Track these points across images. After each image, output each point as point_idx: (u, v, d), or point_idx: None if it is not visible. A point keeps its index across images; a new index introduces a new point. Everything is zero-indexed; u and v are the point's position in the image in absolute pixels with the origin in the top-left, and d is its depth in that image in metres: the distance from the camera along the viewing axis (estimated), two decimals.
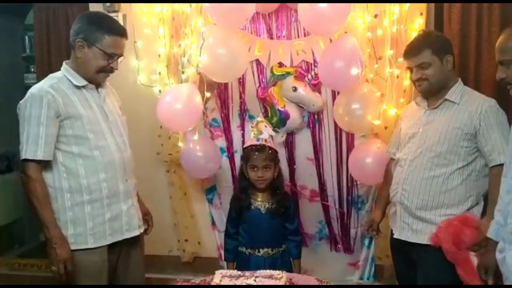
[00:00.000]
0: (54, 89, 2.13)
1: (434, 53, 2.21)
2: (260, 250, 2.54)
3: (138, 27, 3.21)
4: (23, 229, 4.41)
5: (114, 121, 2.30)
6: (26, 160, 2.11)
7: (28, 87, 4.49)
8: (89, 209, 2.18)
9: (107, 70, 2.22)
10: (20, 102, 2.16)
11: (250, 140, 2.59)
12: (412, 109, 2.47)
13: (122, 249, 2.34)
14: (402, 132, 2.44)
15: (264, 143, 2.54)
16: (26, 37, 4.64)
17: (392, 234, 2.44)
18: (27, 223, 4.42)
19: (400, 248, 2.38)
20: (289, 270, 2.50)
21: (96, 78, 2.23)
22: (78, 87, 2.20)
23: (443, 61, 2.23)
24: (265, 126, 2.58)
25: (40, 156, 2.09)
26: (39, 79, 3.65)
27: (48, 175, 2.16)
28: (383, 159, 2.68)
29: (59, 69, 3.52)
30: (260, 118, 2.70)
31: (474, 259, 2.10)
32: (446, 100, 2.25)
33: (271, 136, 2.62)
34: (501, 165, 2.04)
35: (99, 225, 2.20)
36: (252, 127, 2.62)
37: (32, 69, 4.60)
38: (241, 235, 2.60)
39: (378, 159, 2.78)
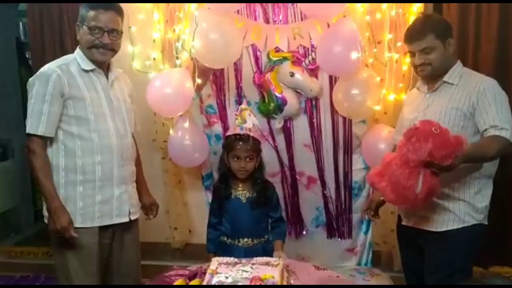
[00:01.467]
0: (61, 70, 2.20)
1: (437, 37, 2.17)
2: (240, 240, 2.50)
3: (132, 12, 3.15)
4: (19, 217, 4.40)
5: (119, 107, 2.34)
6: (29, 134, 2.19)
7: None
8: (81, 189, 2.23)
9: (98, 45, 2.23)
10: (30, 79, 2.23)
11: (233, 129, 2.52)
12: (413, 94, 2.43)
13: (115, 233, 2.36)
14: (403, 117, 2.42)
15: (248, 132, 2.46)
16: (20, 23, 4.58)
17: (399, 220, 2.42)
18: (23, 211, 4.42)
19: (407, 234, 2.35)
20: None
21: (92, 55, 2.25)
22: (86, 71, 2.26)
23: (446, 44, 2.19)
24: (249, 115, 2.51)
25: (41, 131, 2.17)
26: (33, 65, 3.66)
27: (48, 152, 2.23)
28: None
29: (53, 55, 3.54)
30: (244, 105, 2.59)
31: (422, 173, 1.96)
32: (445, 82, 2.22)
33: (255, 125, 2.53)
34: (505, 138, 2.04)
35: (88, 206, 2.25)
36: (235, 114, 2.53)
37: (27, 55, 4.56)
38: (223, 224, 2.56)
39: (390, 144, 2.68)
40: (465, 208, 2.16)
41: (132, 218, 2.39)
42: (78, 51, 2.29)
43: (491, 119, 2.08)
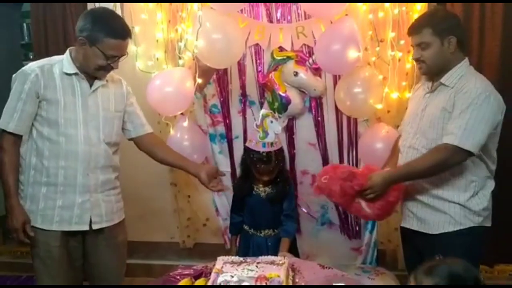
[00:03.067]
0: (41, 70, 2.19)
1: (435, 33, 2.09)
2: (262, 231, 2.58)
3: (135, 12, 3.16)
4: None
5: (95, 114, 2.29)
6: (1, 130, 2.21)
7: None
8: (45, 190, 2.24)
9: (107, 68, 2.24)
10: (13, 75, 2.25)
11: (255, 144, 2.45)
12: (418, 90, 2.36)
13: (85, 237, 2.34)
14: (407, 112, 2.37)
15: (270, 149, 2.43)
16: (25, 25, 4.60)
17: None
18: None
19: (407, 236, 2.33)
20: (292, 252, 2.52)
21: (95, 74, 2.25)
22: (68, 74, 2.23)
23: (444, 42, 2.08)
24: (271, 122, 2.41)
25: (11, 128, 2.19)
26: None
27: (23, 149, 2.26)
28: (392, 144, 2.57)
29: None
30: (265, 110, 2.49)
31: (362, 203, 2.22)
32: (441, 84, 2.14)
33: (277, 134, 2.47)
34: (452, 145, 2.00)
35: (49, 209, 2.24)
36: (257, 125, 2.43)
37: (31, 57, 4.57)
38: (245, 215, 2.64)
39: (387, 144, 2.67)
40: (461, 211, 2.11)
41: (95, 227, 2.31)
42: (67, 53, 2.25)
43: (458, 125, 2.01)
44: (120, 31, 2.20)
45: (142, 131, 2.50)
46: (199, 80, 2.90)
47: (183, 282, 2.02)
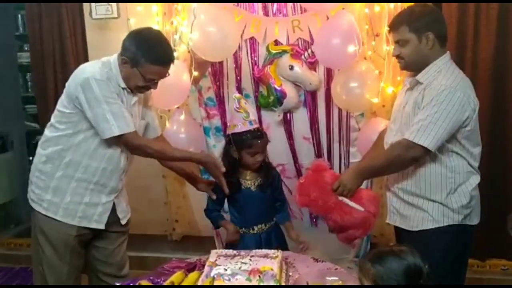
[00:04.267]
0: (108, 79, 2.18)
1: (412, 30, 2.04)
2: (254, 227, 2.50)
3: (131, 4, 3.16)
4: (19, 208, 4.40)
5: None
6: (122, 135, 2.18)
7: (21, 66, 4.52)
8: (74, 186, 2.25)
9: (146, 88, 2.27)
10: (79, 87, 2.14)
11: (242, 124, 2.42)
12: (405, 86, 2.31)
13: (95, 230, 2.36)
14: (393, 108, 2.34)
15: (256, 126, 2.45)
16: (19, 16, 4.57)
17: None
18: (23, 203, 4.41)
19: (396, 231, 2.33)
20: (284, 243, 2.54)
21: (132, 88, 2.26)
22: (121, 87, 2.24)
23: (422, 39, 2.05)
24: (245, 103, 2.45)
25: (132, 128, 2.21)
26: (32, 57, 3.64)
27: (67, 137, 2.22)
28: None
29: (51, 48, 3.52)
30: (237, 94, 2.52)
31: (344, 199, 2.19)
32: (417, 81, 2.11)
33: (255, 113, 2.54)
34: (407, 141, 2.01)
35: (74, 204, 2.26)
36: (237, 108, 2.44)
37: (26, 48, 4.55)
38: (233, 215, 2.54)
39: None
40: (439, 208, 2.09)
41: (123, 222, 2.43)
42: (116, 64, 2.22)
43: (417, 120, 2.02)
44: (163, 58, 2.20)
45: (153, 134, 2.53)
46: (195, 73, 2.90)
47: (176, 275, 2.02)
